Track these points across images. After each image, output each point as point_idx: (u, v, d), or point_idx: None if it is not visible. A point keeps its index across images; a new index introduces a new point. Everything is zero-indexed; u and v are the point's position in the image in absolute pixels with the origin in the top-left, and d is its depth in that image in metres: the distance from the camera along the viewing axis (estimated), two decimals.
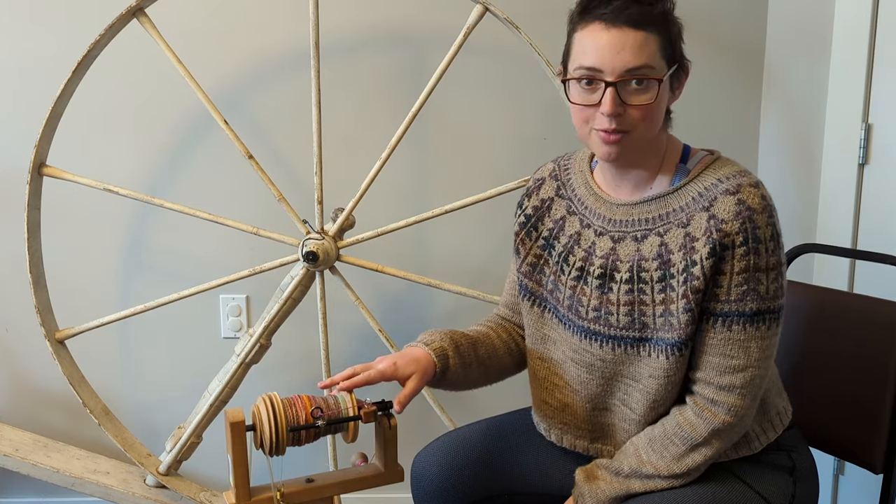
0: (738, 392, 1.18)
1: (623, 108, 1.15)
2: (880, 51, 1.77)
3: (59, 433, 2.17)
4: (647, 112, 1.16)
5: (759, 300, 1.15)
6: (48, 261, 1.93)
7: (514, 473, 1.39)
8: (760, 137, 2.11)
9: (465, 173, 2.10)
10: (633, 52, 1.13)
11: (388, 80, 2.05)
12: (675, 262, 1.18)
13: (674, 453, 1.22)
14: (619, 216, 1.25)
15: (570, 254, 1.30)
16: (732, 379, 1.18)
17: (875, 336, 1.42)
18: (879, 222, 1.80)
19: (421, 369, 1.26)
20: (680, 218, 1.19)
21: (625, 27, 1.13)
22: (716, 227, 1.14)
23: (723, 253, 1.14)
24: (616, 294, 1.23)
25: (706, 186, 1.18)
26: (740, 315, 1.16)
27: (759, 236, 1.13)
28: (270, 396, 1.25)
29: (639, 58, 1.13)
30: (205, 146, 2.07)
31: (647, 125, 1.17)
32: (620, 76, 1.14)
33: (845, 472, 1.95)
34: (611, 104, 1.14)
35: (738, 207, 1.13)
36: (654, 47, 1.14)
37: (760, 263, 1.14)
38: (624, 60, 1.13)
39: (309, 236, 1.80)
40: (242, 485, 1.24)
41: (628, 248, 1.23)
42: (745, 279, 1.14)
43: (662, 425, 1.24)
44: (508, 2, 1.82)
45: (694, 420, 1.21)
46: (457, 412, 2.13)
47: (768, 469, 1.28)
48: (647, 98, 1.15)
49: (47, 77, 1.99)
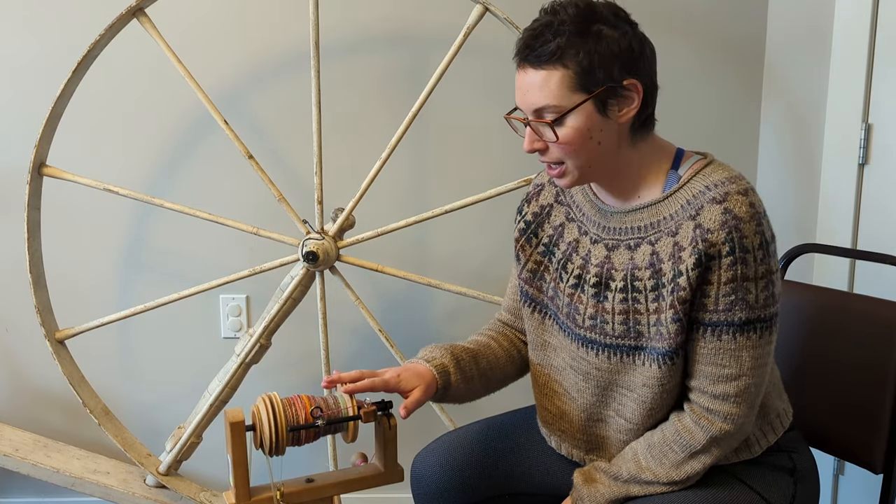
0: (733, 401, 1.18)
1: (543, 144, 1.19)
2: (880, 51, 1.77)
3: (59, 433, 2.18)
4: (566, 147, 1.17)
5: (748, 309, 1.14)
6: (48, 261, 1.93)
7: (514, 473, 1.39)
8: (760, 137, 2.11)
9: (465, 173, 2.10)
10: (535, 91, 1.16)
11: (388, 80, 2.05)
12: (665, 272, 1.17)
13: (673, 460, 1.22)
14: (613, 224, 1.25)
15: (568, 261, 1.30)
16: (726, 388, 1.17)
17: (875, 336, 1.42)
18: (879, 222, 1.80)
19: (424, 384, 1.27)
20: (669, 227, 1.18)
21: (528, 68, 1.16)
22: (701, 238, 1.13)
23: (709, 263, 1.13)
24: (611, 303, 1.22)
25: (694, 194, 1.17)
26: (729, 325, 1.15)
27: (746, 245, 1.12)
28: (270, 396, 1.25)
29: (540, 97, 1.15)
30: (205, 146, 2.07)
31: (576, 156, 1.18)
32: (531, 114, 1.18)
33: (845, 472, 1.95)
34: (526, 142, 1.20)
35: (725, 217, 1.12)
36: (557, 83, 1.14)
37: (748, 273, 1.13)
38: (530, 101, 1.17)
39: (309, 236, 1.80)
40: (242, 485, 1.24)
41: (622, 257, 1.23)
42: (732, 289, 1.13)
43: (662, 431, 1.24)
44: (508, 2, 1.82)
45: (692, 427, 1.20)
46: (457, 412, 2.13)
47: (769, 470, 1.28)
48: (563, 132, 1.16)
49: (47, 77, 1.99)
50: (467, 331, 2.17)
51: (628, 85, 1.15)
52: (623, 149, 1.20)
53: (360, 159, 2.04)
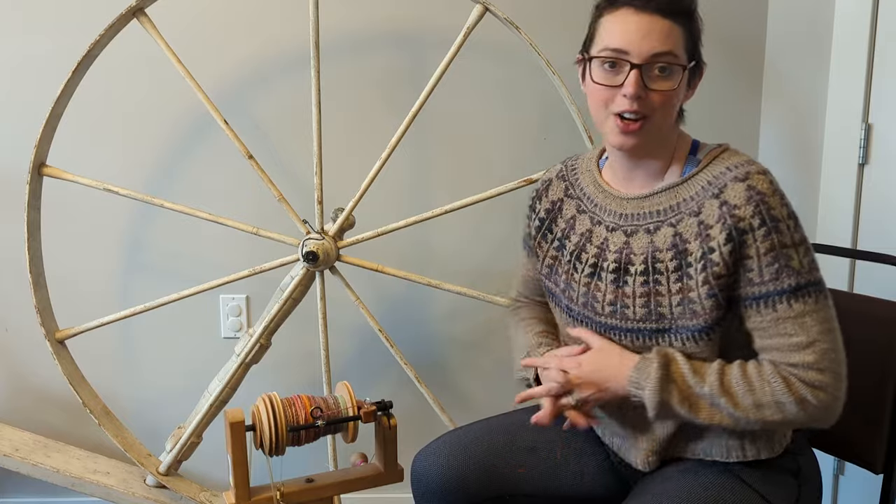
0: (816, 369, 1.13)
1: (645, 92, 1.17)
2: (880, 51, 1.77)
3: (59, 433, 2.18)
4: (666, 98, 1.18)
5: (795, 275, 1.14)
6: (48, 261, 1.93)
7: (513, 474, 1.39)
8: (760, 137, 2.11)
9: (465, 173, 2.10)
10: (661, 38, 1.16)
11: (387, 79, 2.05)
12: (692, 251, 1.18)
13: (758, 400, 1.15)
14: (629, 210, 1.27)
15: (582, 251, 1.31)
16: (803, 357, 1.14)
17: (875, 336, 1.42)
18: (879, 222, 1.80)
19: None
20: (691, 207, 1.20)
21: (654, 14, 1.16)
22: (729, 213, 1.14)
23: (742, 238, 1.14)
24: (631, 287, 1.23)
25: (715, 175, 1.19)
26: (780, 293, 1.14)
27: (775, 216, 1.14)
28: (270, 396, 1.25)
29: (665, 44, 1.16)
30: (205, 146, 2.07)
31: (665, 112, 1.20)
32: (646, 59, 1.17)
33: (845, 472, 1.95)
34: (634, 85, 1.16)
35: (749, 192, 1.14)
36: (679, 38, 1.18)
37: (785, 240, 1.14)
38: (651, 45, 1.16)
39: (309, 236, 1.80)
40: (242, 485, 1.24)
41: (641, 241, 1.24)
42: (774, 258, 1.14)
43: (759, 368, 1.17)
44: (508, 2, 1.82)
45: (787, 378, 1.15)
46: (457, 412, 2.13)
47: (773, 472, 1.27)
48: (669, 84, 1.18)
49: (47, 77, 1.99)
50: (467, 331, 2.19)
51: (703, 67, 1.24)
52: (673, 127, 1.25)
53: (360, 159, 2.04)
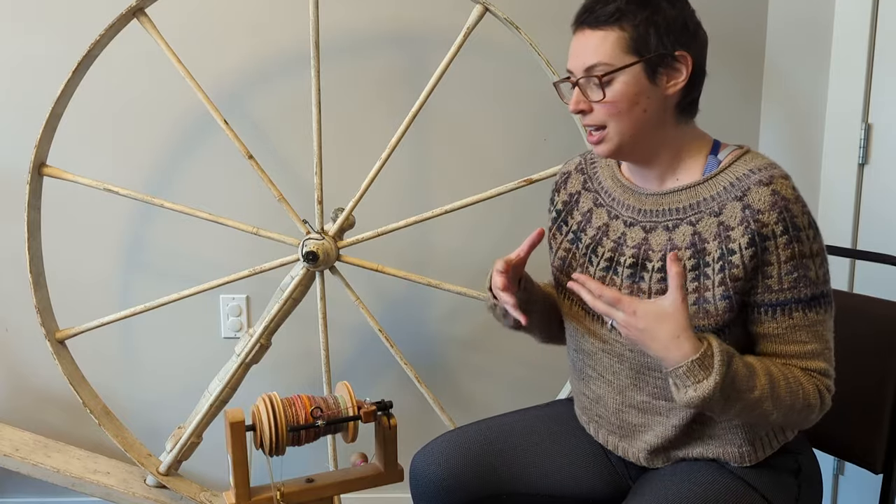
0: (828, 375, 1.19)
1: (588, 106, 1.21)
2: (880, 51, 1.77)
3: (59, 433, 2.17)
4: (611, 107, 1.19)
5: (811, 285, 1.16)
6: (48, 261, 1.93)
7: (513, 474, 1.39)
8: (760, 137, 2.11)
9: (465, 173, 2.10)
10: (588, 51, 1.19)
11: (388, 80, 2.05)
12: (710, 251, 1.19)
13: (792, 404, 1.16)
14: (648, 206, 1.27)
15: (598, 245, 1.32)
16: (817, 364, 1.18)
17: (875, 336, 1.42)
18: (879, 222, 1.80)
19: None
20: (711, 207, 1.20)
21: (587, 30, 1.21)
22: (752, 218, 1.15)
23: (764, 244, 1.15)
24: (647, 283, 1.24)
25: (738, 177, 1.19)
26: (797, 301, 1.16)
27: (798, 224, 1.15)
28: (270, 396, 1.25)
29: (594, 55, 1.19)
30: (205, 146, 2.07)
31: (620, 119, 1.20)
32: (582, 75, 1.20)
33: (845, 472, 1.95)
34: (574, 101, 1.22)
35: (774, 198, 1.15)
36: (614, 43, 1.18)
37: (805, 250, 1.15)
38: (582, 60, 1.20)
39: (309, 236, 1.80)
40: (242, 485, 1.24)
41: (660, 238, 1.24)
42: (794, 266, 1.15)
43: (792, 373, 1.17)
44: (508, 2, 1.82)
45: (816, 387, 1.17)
46: (457, 412, 2.13)
47: (774, 472, 1.28)
48: (609, 93, 1.18)
49: (47, 77, 1.99)
50: (467, 331, 2.19)
51: (679, 56, 1.19)
52: (667, 126, 1.23)
53: (360, 159, 2.04)
